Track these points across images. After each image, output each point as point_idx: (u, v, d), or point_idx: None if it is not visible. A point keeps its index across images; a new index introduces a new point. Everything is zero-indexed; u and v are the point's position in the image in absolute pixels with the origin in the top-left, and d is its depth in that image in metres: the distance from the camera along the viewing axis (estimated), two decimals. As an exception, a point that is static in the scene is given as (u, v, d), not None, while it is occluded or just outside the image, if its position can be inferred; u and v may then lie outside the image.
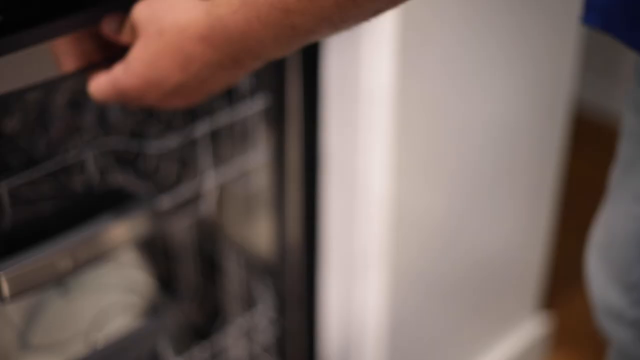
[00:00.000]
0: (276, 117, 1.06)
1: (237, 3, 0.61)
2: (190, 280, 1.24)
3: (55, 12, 0.73)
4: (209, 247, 1.24)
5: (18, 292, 0.88)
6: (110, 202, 0.95)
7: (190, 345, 1.20)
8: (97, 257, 0.96)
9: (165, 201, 1.02)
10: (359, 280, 1.17)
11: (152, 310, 1.16)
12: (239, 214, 1.24)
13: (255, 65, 0.67)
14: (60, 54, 0.73)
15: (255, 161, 1.12)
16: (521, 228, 1.39)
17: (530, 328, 1.53)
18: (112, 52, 0.75)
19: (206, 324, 1.25)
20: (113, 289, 1.12)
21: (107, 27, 0.73)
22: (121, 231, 0.96)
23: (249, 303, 1.24)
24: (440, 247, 1.23)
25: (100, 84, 0.73)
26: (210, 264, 1.25)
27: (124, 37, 0.73)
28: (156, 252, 1.22)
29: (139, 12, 0.69)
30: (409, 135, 1.05)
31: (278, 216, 1.15)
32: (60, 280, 1.05)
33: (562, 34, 1.24)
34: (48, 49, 0.72)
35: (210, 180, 1.06)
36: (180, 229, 1.18)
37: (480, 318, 1.41)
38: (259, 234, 1.23)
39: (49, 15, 0.73)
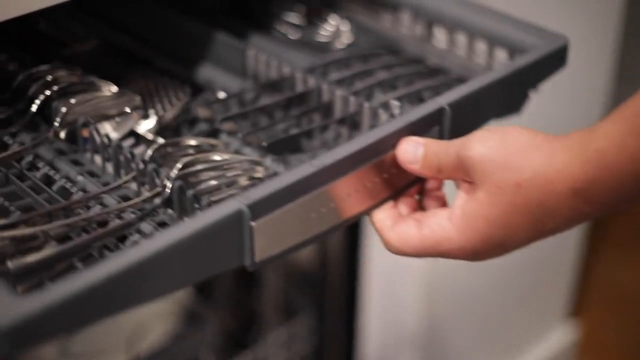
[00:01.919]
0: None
1: (636, 143, 0.49)
2: (229, 288, 1.22)
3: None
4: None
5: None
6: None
7: (231, 353, 1.19)
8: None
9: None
10: (398, 290, 1.17)
11: (191, 319, 1.14)
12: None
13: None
14: (341, 196, 0.56)
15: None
16: (552, 239, 1.41)
17: (558, 335, 1.55)
18: (397, 185, 0.59)
19: (243, 332, 1.23)
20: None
21: (408, 156, 0.57)
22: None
23: (289, 312, 1.23)
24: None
25: (409, 242, 0.57)
26: (248, 272, 1.23)
27: (435, 173, 0.57)
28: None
29: (478, 154, 0.54)
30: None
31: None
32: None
33: (598, 46, 1.23)
34: (327, 194, 0.55)
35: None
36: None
37: (511, 325, 1.43)
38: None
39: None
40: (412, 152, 0.57)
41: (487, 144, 0.54)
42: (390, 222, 0.58)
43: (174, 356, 1.08)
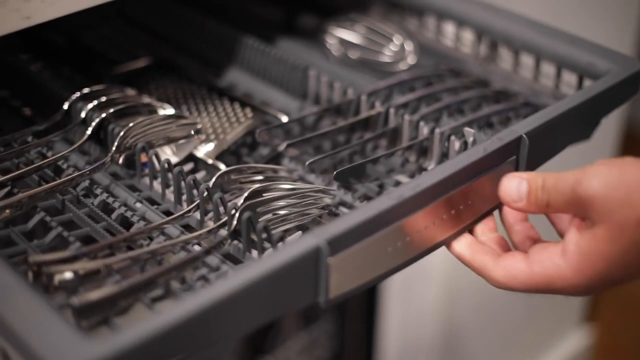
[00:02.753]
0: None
1: None
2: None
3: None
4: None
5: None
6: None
7: (251, 359, 1.19)
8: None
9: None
10: (418, 296, 1.18)
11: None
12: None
13: None
14: (418, 229, 0.53)
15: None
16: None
17: (574, 340, 1.57)
18: (474, 216, 0.56)
19: (264, 337, 1.22)
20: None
21: (512, 195, 0.53)
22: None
23: (309, 317, 1.22)
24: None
25: (517, 277, 0.54)
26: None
27: (541, 209, 0.53)
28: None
29: (598, 191, 0.50)
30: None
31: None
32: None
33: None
34: (404, 227, 0.51)
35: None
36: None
37: (528, 330, 1.45)
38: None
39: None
40: (516, 190, 0.53)
41: (606, 180, 0.51)
42: (491, 257, 0.55)
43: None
